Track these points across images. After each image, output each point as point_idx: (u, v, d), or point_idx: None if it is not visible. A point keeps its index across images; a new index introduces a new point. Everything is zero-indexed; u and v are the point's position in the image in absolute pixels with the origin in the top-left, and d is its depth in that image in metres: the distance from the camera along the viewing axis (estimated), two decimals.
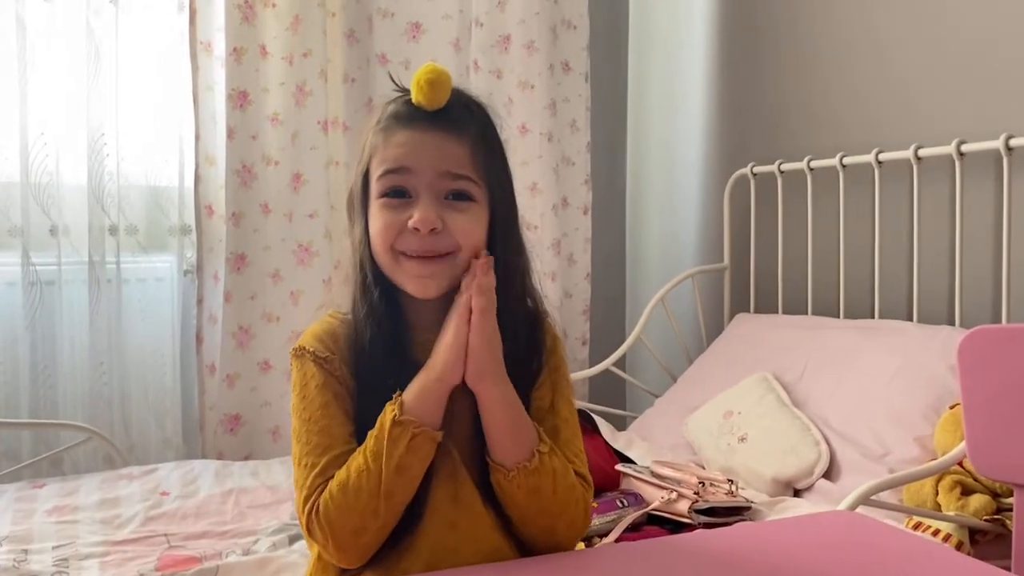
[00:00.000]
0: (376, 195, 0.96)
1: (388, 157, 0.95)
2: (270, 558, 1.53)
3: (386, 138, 0.96)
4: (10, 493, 1.93)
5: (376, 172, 0.96)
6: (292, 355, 1.00)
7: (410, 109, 0.96)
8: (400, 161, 0.95)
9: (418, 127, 0.95)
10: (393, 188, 0.95)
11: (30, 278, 2.27)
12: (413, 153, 0.95)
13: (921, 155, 2.03)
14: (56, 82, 2.29)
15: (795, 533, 1.04)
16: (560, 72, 2.82)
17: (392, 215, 0.95)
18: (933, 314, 2.05)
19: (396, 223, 0.94)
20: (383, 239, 0.95)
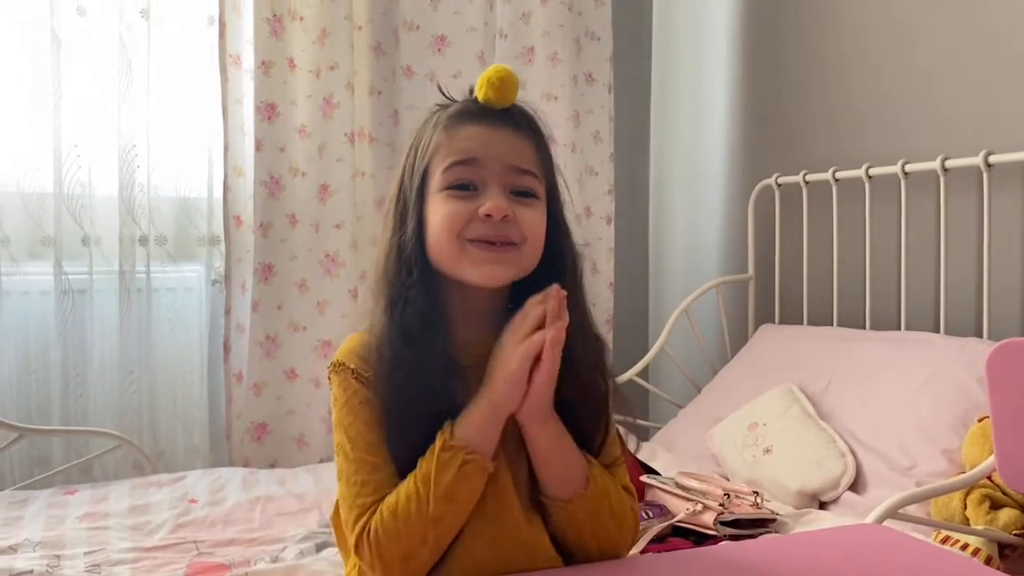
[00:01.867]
0: (439, 188, 0.95)
1: (456, 150, 0.95)
2: (297, 566, 1.55)
3: (451, 134, 0.96)
4: (42, 499, 1.96)
5: (441, 165, 0.95)
6: (331, 370, 0.98)
7: (476, 107, 0.98)
8: (469, 153, 0.95)
9: (486, 122, 0.96)
10: (460, 180, 0.95)
11: (62, 287, 2.31)
12: (482, 145, 0.95)
13: (948, 166, 2.02)
14: (89, 95, 2.33)
15: (822, 546, 1.04)
16: (584, 83, 2.83)
17: (460, 204, 0.94)
18: (960, 326, 2.04)
19: (465, 211, 0.94)
20: (451, 226, 0.94)
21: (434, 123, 1.00)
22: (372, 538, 0.89)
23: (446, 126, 0.97)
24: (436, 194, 0.96)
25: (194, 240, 2.51)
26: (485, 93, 0.97)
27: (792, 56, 2.56)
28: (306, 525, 1.80)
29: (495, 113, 0.97)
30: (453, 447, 0.89)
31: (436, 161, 0.96)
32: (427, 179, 0.97)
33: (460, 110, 0.99)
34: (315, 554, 1.63)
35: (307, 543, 1.67)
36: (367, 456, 0.93)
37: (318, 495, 2.00)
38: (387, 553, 0.89)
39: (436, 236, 0.95)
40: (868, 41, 2.32)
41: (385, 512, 0.89)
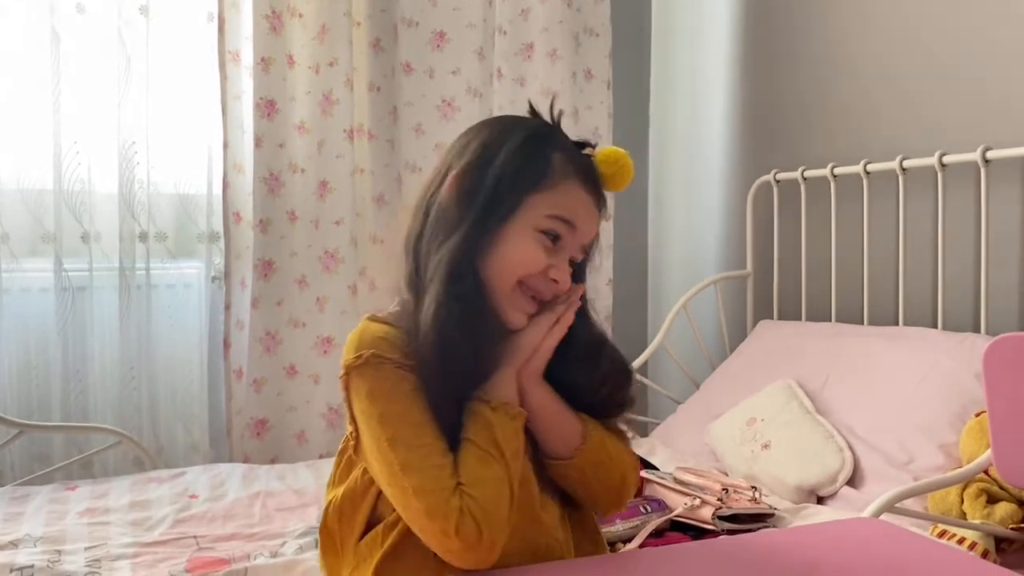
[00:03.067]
0: (533, 224, 0.99)
1: (565, 206, 0.99)
2: (297, 560, 1.55)
3: (567, 183, 1.00)
4: (43, 495, 1.97)
5: (545, 207, 0.99)
6: (362, 363, 0.95)
7: (594, 175, 1.03)
8: (574, 217, 1.00)
9: (594, 195, 1.02)
10: (555, 233, 0.99)
11: (62, 284, 2.32)
12: (583, 218, 1.01)
13: (946, 162, 2.03)
14: (88, 92, 2.34)
15: (819, 540, 1.05)
16: (583, 79, 2.84)
17: (542, 255, 0.99)
18: (958, 321, 2.05)
19: (542, 263, 0.99)
20: (523, 270, 0.99)
21: (558, 153, 1.01)
22: (477, 514, 0.88)
23: (570, 173, 1.00)
24: (530, 226, 0.98)
25: (194, 237, 2.52)
26: (610, 175, 1.03)
27: (791, 53, 2.57)
28: (306, 520, 1.80)
29: (601, 191, 1.04)
30: (505, 407, 0.95)
31: (546, 197, 0.99)
32: (526, 201, 0.99)
33: (584, 165, 1.02)
34: (314, 549, 1.63)
35: (306, 538, 1.68)
36: (435, 441, 0.92)
37: (318, 490, 2.01)
38: (494, 523, 0.88)
39: (503, 265, 0.98)
40: (866, 38, 2.32)
41: (475, 490, 0.89)
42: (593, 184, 1.02)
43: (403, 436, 0.92)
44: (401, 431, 0.92)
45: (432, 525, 0.88)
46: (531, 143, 1.00)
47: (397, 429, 0.92)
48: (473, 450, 0.92)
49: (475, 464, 0.91)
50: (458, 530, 0.87)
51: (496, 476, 0.91)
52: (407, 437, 0.92)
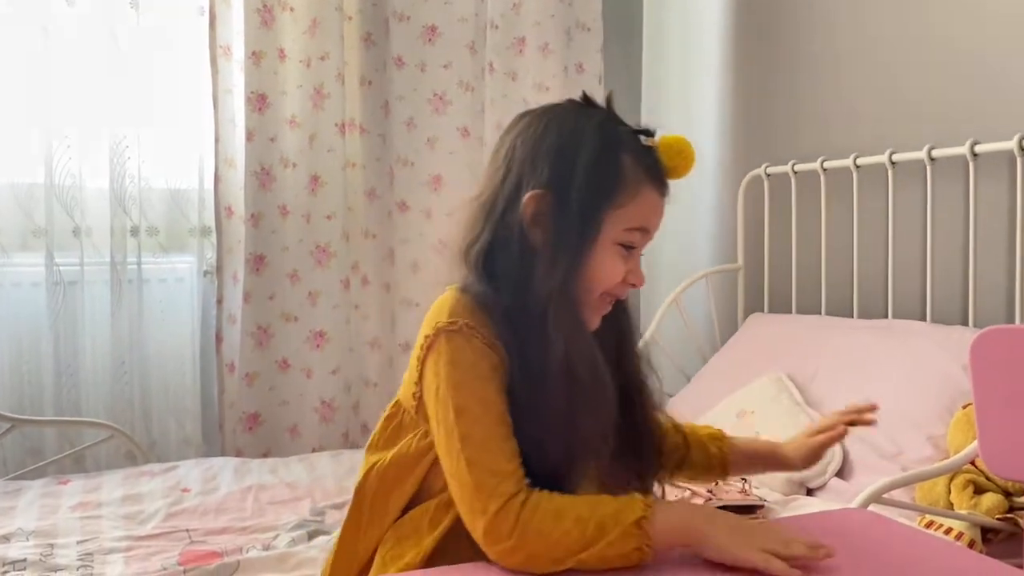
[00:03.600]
0: (613, 239, 0.99)
1: (641, 216, 1.00)
2: (290, 553, 1.56)
3: (644, 190, 1.00)
4: (35, 489, 1.97)
5: (624, 220, 0.99)
6: (447, 330, 0.95)
7: (660, 169, 1.02)
8: (648, 224, 1.01)
9: (662, 193, 1.03)
10: (633, 244, 1.01)
11: (54, 278, 2.31)
12: (655, 221, 1.03)
13: (935, 156, 2.04)
14: (79, 86, 2.33)
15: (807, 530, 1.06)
16: (574, 74, 2.84)
17: (622, 266, 1.01)
18: (947, 314, 2.06)
19: (623, 270, 1.01)
20: (607, 285, 1.00)
21: (628, 157, 1.00)
22: (524, 518, 0.88)
23: (642, 179, 1.00)
24: (611, 242, 0.99)
25: (185, 231, 2.52)
26: (675, 166, 1.03)
27: (782, 47, 2.57)
28: (298, 513, 1.81)
29: (666, 183, 1.03)
30: (642, 531, 0.87)
31: (625, 211, 0.99)
32: (607, 216, 0.98)
33: (652, 165, 1.01)
34: (307, 542, 1.64)
35: (299, 531, 1.68)
36: (499, 425, 0.93)
37: (310, 484, 2.02)
38: (529, 540, 0.88)
39: (590, 282, 1.00)
40: (856, 33, 2.33)
41: (549, 516, 0.88)
42: (661, 181, 1.03)
43: (471, 409, 0.93)
44: (471, 404, 0.93)
45: (474, 499, 0.90)
46: (604, 151, 0.99)
47: (468, 401, 0.93)
48: (592, 506, 0.89)
49: (575, 507, 0.89)
50: (500, 514, 0.88)
51: (565, 533, 0.87)
52: (475, 411, 0.93)
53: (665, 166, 1.02)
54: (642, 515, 0.88)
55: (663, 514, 0.89)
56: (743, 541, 0.88)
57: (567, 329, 0.96)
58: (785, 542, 0.88)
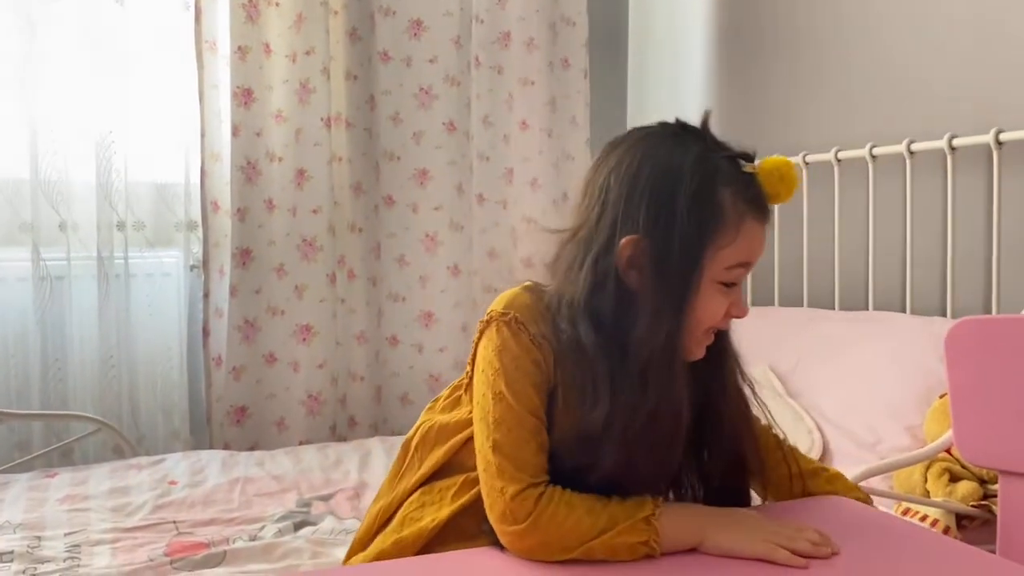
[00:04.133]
0: (714, 277, 0.97)
1: (743, 251, 0.97)
2: (276, 543, 1.58)
3: (746, 226, 0.97)
4: (23, 482, 1.98)
5: (728, 260, 0.97)
6: (501, 321, 0.98)
7: (762, 198, 0.98)
8: (750, 257, 0.99)
9: (765, 223, 1.00)
10: (736, 280, 0.99)
11: (40, 273, 2.32)
12: (758, 250, 1.00)
13: (914, 149, 2.07)
14: (65, 81, 2.33)
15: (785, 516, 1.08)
16: (560, 69, 2.85)
17: (723, 301, 0.99)
18: (926, 306, 2.09)
19: (724, 307, 0.99)
20: (712, 321, 0.99)
21: (728, 191, 0.96)
22: (540, 505, 0.91)
23: (744, 213, 0.97)
24: (712, 283, 0.97)
25: (171, 225, 2.53)
26: (776, 192, 0.99)
27: (766, 43, 2.60)
28: (285, 505, 1.83)
29: (768, 210, 1.00)
30: (651, 527, 0.91)
31: (727, 250, 0.96)
32: (708, 256, 0.96)
33: (753, 197, 0.98)
34: (293, 532, 1.66)
35: (285, 522, 1.70)
36: (531, 417, 0.96)
37: (297, 476, 2.03)
38: (542, 526, 0.91)
39: (695, 322, 0.97)
40: (839, 29, 2.35)
41: (563, 506, 0.91)
42: (763, 210, 0.99)
43: (508, 397, 0.96)
44: (508, 392, 0.96)
45: (495, 480, 0.93)
46: (702, 190, 0.95)
47: (506, 389, 0.96)
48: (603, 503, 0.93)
49: (588, 502, 0.92)
50: (514, 497, 0.92)
51: (577, 523, 0.90)
52: (510, 399, 0.96)
53: (767, 193, 0.99)
54: (652, 512, 0.91)
55: (672, 513, 0.93)
56: (748, 534, 0.92)
57: (664, 389, 0.95)
58: (789, 536, 0.91)
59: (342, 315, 2.63)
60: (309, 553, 1.55)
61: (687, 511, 0.97)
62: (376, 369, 2.69)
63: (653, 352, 0.95)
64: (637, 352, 0.95)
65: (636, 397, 0.94)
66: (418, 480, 1.06)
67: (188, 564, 1.50)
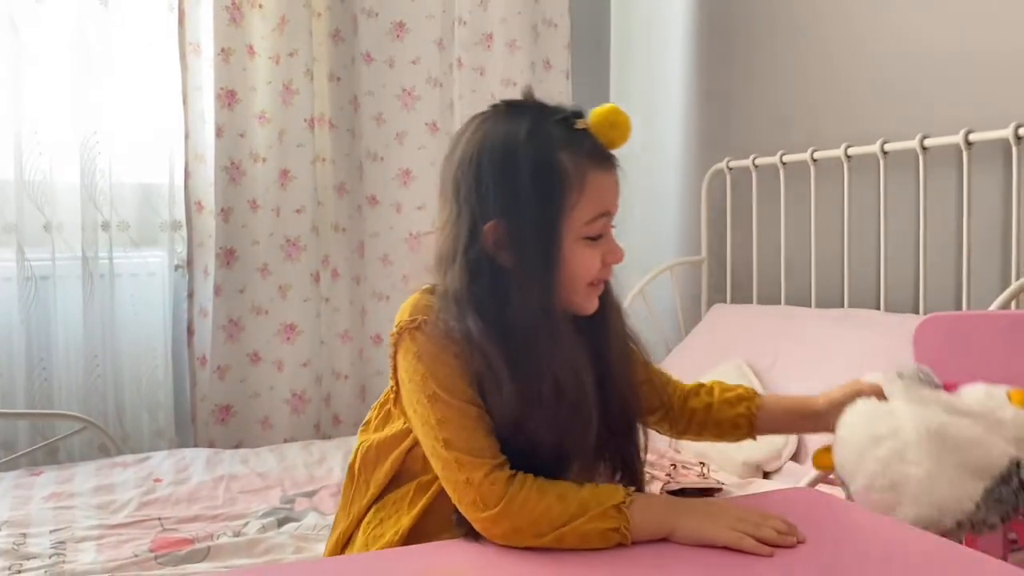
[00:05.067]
0: (580, 235, 1.00)
1: (596, 202, 1.00)
2: (259, 539, 1.60)
3: (591, 179, 1.00)
4: (8, 480, 1.99)
5: (587, 215, 1.00)
6: (417, 328, 1.00)
7: (599, 148, 1.01)
8: (606, 207, 1.02)
9: (611, 169, 1.03)
10: (601, 232, 1.02)
11: (25, 273, 2.33)
12: (613, 197, 1.03)
13: (887, 149, 2.11)
14: (49, 82, 2.35)
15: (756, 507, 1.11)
16: (542, 70, 2.88)
17: (594, 252, 1.02)
18: (899, 303, 2.13)
19: (597, 259, 1.02)
20: (588, 275, 1.02)
21: (564, 153, 0.99)
22: (512, 490, 0.92)
23: (586, 169, 0.99)
24: (576, 241, 1.00)
25: (156, 226, 2.54)
26: (611, 138, 1.01)
27: (745, 45, 2.63)
28: (268, 501, 1.85)
29: (612, 157, 1.03)
30: (622, 515, 0.92)
31: (579, 207, 0.99)
32: (563, 218, 0.99)
33: (589, 149, 1.00)
34: (277, 528, 1.68)
35: (269, 518, 1.72)
36: (471, 406, 0.97)
37: (281, 473, 2.05)
38: (514, 510, 0.92)
39: (571, 280, 1.01)
40: (816, 31, 2.39)
41: (534, 491, 0.93)
42: (603, 160, 1.02)
43: (441, 395, 0.97)
44: (441, 390, 0.98)
45: (458, 473, 0.94)
46: (540, 160, 0.99)
47: (437, 388, 0.98)
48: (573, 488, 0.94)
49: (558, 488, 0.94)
50: (482, 482, 0.93)
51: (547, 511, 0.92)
52: (445, 396, 0.97)
53: (603, 142, 1.02)
54: (622, 500, 0.93)
55: (642, 502, 0.95)
56: (715, 522, 0.93)
57: (555, 355, 0.98)
58: (756, 524, 0.93)
59: (326, 314, 2.66)
60: (292, 548, 1.57)
61: (657, 500, 0.99)
62: (360, 368, 2.71)
63: (531, 323, 0.98)
64: (517, 328, 0.98)
65: (532, 371, 0.97)
66: (369, 500, 1.08)
67: (173, 559, 1.52)
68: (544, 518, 0.92)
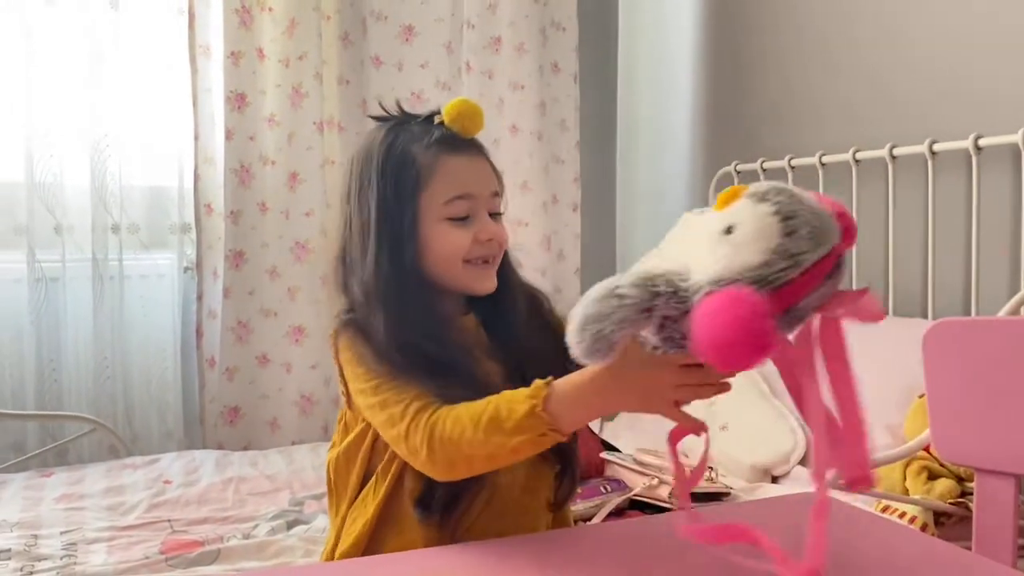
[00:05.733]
0: (440, 217, 1.05)
1: (451, 184, 1.05)
2: (269, 542, 1.61)
3: (443, 165, 1.05)
4: (19, 482, 2.00)
5: (441, 198, 1.05)
6: (343, 326, 1.06)
7: (451, 136, 1.07)
8: (465, 188, 1.06)
9: (467, 153, 1.08)
10: (461, 214, 1.06)
11: (35, 275, 2.34)
12: (473, 179, 1.07)
13: (896, 154, 2.10)
14: (60, 85, 2.36)
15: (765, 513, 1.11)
16: (550, 73, 2.89)
17: (460, 232, 1.06)
18: (909, 308, 2.13)
19: (466, 238, 1.06)
20: (457, 254, 1.06)
21: (414, 145, 1.05)
22: (431, 429, 0.93)
23: (436, 154, 1.05)
24: (438, 223, 1.05)
25: (165, 228, 2.55)
26: (462, 126, 1.07)
27: (752, 49, 2.64)
28: (278, 504, 1.86)
29: (468, 142, 1.08)
30: (540, 418, 0.89)
31: (433, 190, 1.05)
32: (419, 203, 1.05)
33: (442, 139, 1.06)
34: (286, 531, 1.69)
35: (278, 520, 1.73)
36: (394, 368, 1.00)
37: (290, 475, 2.06)
38: (437, 447, 0.93)
39: (442, 260, 1.06)
40: (824, 35, 2.39)
41: (449, 422, 0.93)
42: (454, 144, 1.07)
43: (372, 367, 1.01)
44: (371, 364, 1.02)
45: (396, 429, 0.97)
46: (391, 153, 1.06)
47: (368, 363, 1.02)
48: (487, 404, 0.93)
49: (471, 411, 0.93)
50: (408, 433, 0.95)
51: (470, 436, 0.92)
52: (375, 367, 1.01)
53: (456, 131, 1.07)
54: (532, 407, 0.90)
55: (560, 393, 0.90)
56: (651, 403, 0.91)
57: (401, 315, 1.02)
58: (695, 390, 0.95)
59: None
60: (302, 551, 1.58)
61: (578, 384, 0.90)
62: None
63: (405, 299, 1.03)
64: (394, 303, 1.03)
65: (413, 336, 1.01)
66: (348, 503, 1.10)
67: (183, 562, 1.53)
68: (468, 446, 0.92)
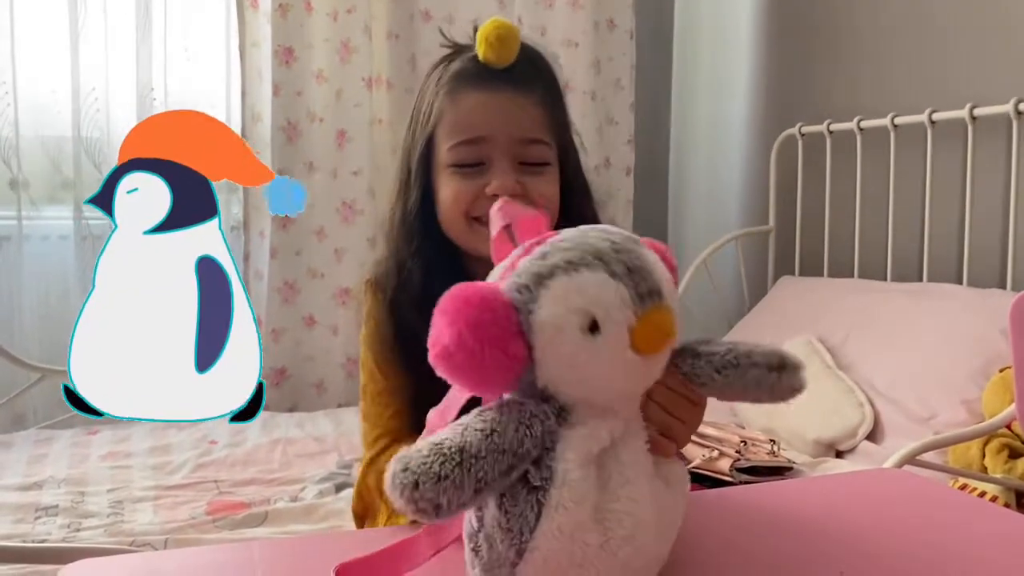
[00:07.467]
0: (446, 164, 0.92)
1: (460, 126, 0.91)
2: (317, 504, 1.57)
3: (453, 102, 0.91)
4: (65, 438, 2.00)
5: (446, 141, 0.91)
6: (365, 285, 0.98)
7: (477, 67, 0.91)
8: (474, 131, 0.90)
9: (487, 88, 0.90)
10: (466, 160, 0.91)
11: (82, 232, 2.33)
12: (486, 120, 0.90)
13: (976, 115, 1.98)
14: (107, 38, 2.32)
15: (840, 489, 1.04)
16: (605, 30, 2.79)
17: (466, 183, 0.90)
18: (984, 277, 2.02)
19: (471, 190, 0.90)
20: (457, 207, 0.91)
21: (436, 83, 0.93)
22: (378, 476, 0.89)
23: (449, 90, 0.91)
24: (445, 168, 0.92)
25: None
26: (484, 53, 0.89)
27: (818, 4, 2.51)
28: (325, 466, 1.82)
29: (497, 74, 0.90)
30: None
31: (441, 133, 0.92)
32: (432, 149, 0.93)
33: (461, 71, 0.92)
34: (334, 494, 1.65)
35: (326, 483, 1.69)
36: (387, 380, 0.94)
37: (337, 438, 2.02)
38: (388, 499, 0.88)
39: (445, 213, 0.93)
40: None
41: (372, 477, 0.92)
42: (481, 78, 0.90)
43: (369, 362, 0.96)
44: (371, 356, 0.96)
45: (364, 446, 0.95)
46: (428, 83, 0.95)
47: (368, 352, 0.96)
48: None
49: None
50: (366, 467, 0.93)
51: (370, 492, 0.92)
52: (371, 365, 0.95)
53: (484, 56, 0.89)
54: None
55: None
56: None
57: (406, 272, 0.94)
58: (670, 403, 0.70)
59: None
60: (350, 515, 1.54)
61: None
62: None
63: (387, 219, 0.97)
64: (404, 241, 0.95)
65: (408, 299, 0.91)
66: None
67: (230, 523, 1.50)
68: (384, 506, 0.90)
